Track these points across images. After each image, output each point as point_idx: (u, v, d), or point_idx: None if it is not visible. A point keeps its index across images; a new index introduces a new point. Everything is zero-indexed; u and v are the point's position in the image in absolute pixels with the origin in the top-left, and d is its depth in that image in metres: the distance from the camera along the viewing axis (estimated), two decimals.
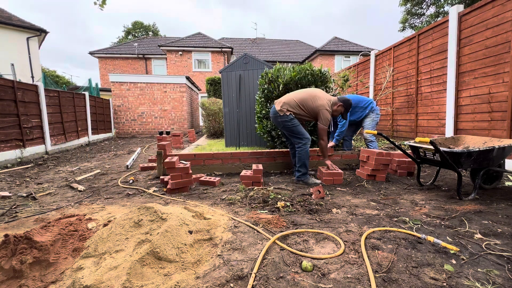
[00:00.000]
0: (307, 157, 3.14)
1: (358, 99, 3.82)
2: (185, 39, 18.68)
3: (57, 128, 7.07)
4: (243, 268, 1.44)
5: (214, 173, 3.89)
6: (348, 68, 8.67)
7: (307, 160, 3.15)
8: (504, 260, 1.48)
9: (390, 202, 2.51)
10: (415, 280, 1.32)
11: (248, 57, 5.95)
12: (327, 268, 1.44)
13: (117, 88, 11.82)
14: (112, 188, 3.32)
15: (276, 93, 4.51)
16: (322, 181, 3.18)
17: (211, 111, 9.03)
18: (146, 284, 1.29)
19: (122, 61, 20.26)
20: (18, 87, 5.60)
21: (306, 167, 3.16)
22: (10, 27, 12.64)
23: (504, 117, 3.60)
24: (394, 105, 6.30)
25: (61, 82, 24.74)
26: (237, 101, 6.02)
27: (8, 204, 2.72)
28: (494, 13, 3.73)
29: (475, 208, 2.26)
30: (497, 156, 2.46)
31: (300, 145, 3.13)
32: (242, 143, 6.10)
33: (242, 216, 2.19)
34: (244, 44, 23.78)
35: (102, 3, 3.12)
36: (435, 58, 4.95)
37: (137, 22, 34.94)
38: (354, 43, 20.00)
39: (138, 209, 1.86)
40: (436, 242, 1.65)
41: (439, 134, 4.86)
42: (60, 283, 1.35)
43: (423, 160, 2.82)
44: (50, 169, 4.68)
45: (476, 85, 4.06)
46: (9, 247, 1.47)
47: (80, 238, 1.77)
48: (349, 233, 1.84)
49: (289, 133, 3.19)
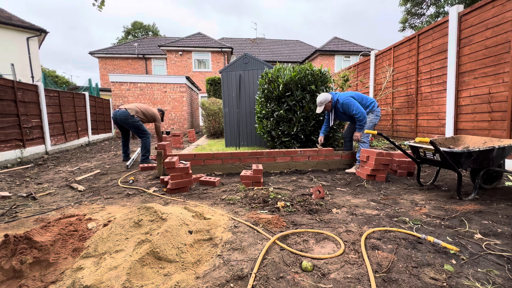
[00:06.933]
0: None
1: (361, 96, 3.82)
2: (185, 39, 18.68)
3: (57, 128, 7.07)
4: (243, 268, 1.44)
5: (214, 173, 3.89)
6: (348, 68, 8.67)
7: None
8: (504, 260, 1.48)
9: (390, 202, 2.51)
10: (415, 280, 1.31)
11: (248, 57, 5.95)
12: (327, 268, 1.44)
13: (117, 88, 11.81)
14: (112, 188, 3.32)
15: (276, 93, 4.52)
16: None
17: (211, 111, 9.03)
18: (146, 284, 1.29)
19: (122, 61, 20.26)
20: (18, 87, 5.60)
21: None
22: (10, 27, 12.64)
23: (504, 117, 3.60)
24: (394, 105, 6.30)
25: (60, 82, 24.75)
26: (237, 101, 6.02)
27: (8, 204, 2.72)
28: (494, 13, 3.73)
29: (475, 208, 2.26)
30: (497, 156, 2.45)
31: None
32: (242, 143, 6.10)
33: (242, 216, 2.19)
34: (244, 44, 23.78)
35: (100, 4, 3.13)
36: (435, 58, 4.95)
37: (137, 22, 34.92)
38: (354, 43, 20.00)
39: (138, 209, 1.86)
40: (436, 242, 1.65)
41: (439, 134, 4.86)
42: (60, 283, 1.35)
43: (423, 160, 2.82)
44: (50, 169, 4.68)
45: (476, 85, 4.06)
46: (9, 247, 1.47)
47: (80, 238, 1.77)
48: (349, 233, 1.84)
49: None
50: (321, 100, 3.73)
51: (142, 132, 4.91)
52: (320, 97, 3.74)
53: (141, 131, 4.91)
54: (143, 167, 4.32)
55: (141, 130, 4.92)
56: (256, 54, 21.54)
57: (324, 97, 3.73)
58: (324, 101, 3.72)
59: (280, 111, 4.43)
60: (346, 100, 3.66)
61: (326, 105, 3.76)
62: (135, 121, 4.85)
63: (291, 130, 4.43)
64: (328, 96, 3.75)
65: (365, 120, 3.60)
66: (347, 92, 3.90)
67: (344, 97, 3.70)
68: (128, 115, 4.80)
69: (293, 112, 4.44)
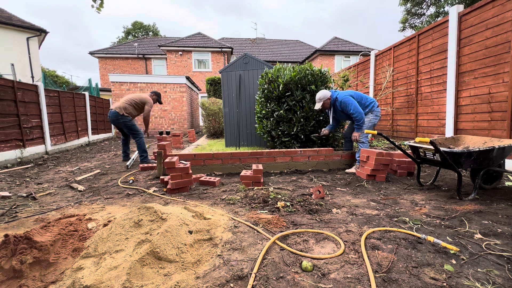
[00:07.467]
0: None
1: (361, 96, 3.81)
2: (185, 39, 18.68)
3: (57, 128, 7.07)
4: (243, 268, 1.44)
5: (214, 173, 3.89)
6: (348, 68, 8.67)
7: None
8: (504, 260, 1.48)
9: (390, 202, 2.51)
10: (415, 280, 1.31)
11: (248, 57, 5.95)
12: (327, 268, 1.44)
13: (117, 88, 11.81)
14: (112, 188, 3.32)
15: (276, 93, 4.52)
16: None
17: (211, 111, 9.03)
18: (146, 284, 1.29)
19: (122, 61, 20.26)
20: (18, 87, 5.60)
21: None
22: (10, 27, 12.64)
23: (504, 117, 3.60)
24: (394, 105, 6.30)
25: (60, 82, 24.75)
26: (237, 101, 6.02)
27: (8, 204, 2.72)
28: (494, 13, 3.73)
29: (475, 208, 2.26)
30: (497, 156, 2.45)
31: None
32: (242, 143, 6.10)
33: (242, 216, 2.19)
34: (244, 44, 23.78)
35: (99, 5, 3.12)
36: (435, 58, 4.95)
37: (137, 22, 34.93)
38: (354, 43, 20.00)
39: (138, 209, 1.86)
40: (436, 242, 1.65)
41: (439, 134, 4.86)
42: (60, 283, 1.35)
43: (423, 160, 2.82)
44: (50, 169, 4.68)
45: (476, 85, 4.06)
46: (9, 247, 1.47)
47: (80, 238, 1.77)
48: (349, 233, 1.84)
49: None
50: (320, 96, 3.73)
51: (134, 133, 4.86)
52: (319, 94, 3.74)
53: (133, 131, 4.85)
54: (143, 167, 4.32)
55: (133, 130, 4.85)
56: (256, 54, 21.54)
57: (323, 94, 3.73)
58: (323, 97, 3.72)
59: (280, 111, 4.43)
60: (344, 98, 3.66)
61: (325, 102, 3.75)
62: (126, 120, 4.77)
63: (291, 130, 4.43)
64: (327, 93, 3.75)
65: (363, 120, 3.60)
66: (347, 91, 3.90)
67: (343, 95, 3.70)
68: (118, 115, 4.72)
69: (293, 112, 4.44)
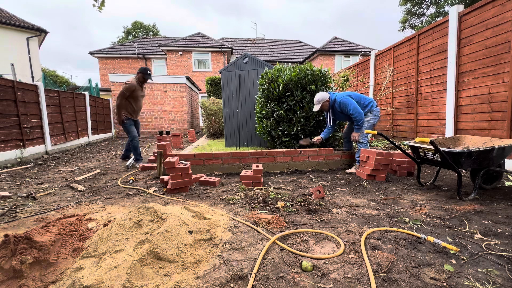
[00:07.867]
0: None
1: (359, 96, 3.81)
2: (185, 39, 18.68)
3: (57, 128, 7.06)
4: (243, 268, 1.44)
5: (214, 173, 3.89)
6: (348, 68, 8.67)
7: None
8: (504, 260, 1.48)
9: (390, 202, 2.51)
10: (415, 280, 1.32)
11: (248, 57, 5.95)
12: (327, 268, 1.44)
13: (117, 88, 11.80)
14: (112, 188, 3.32)
15: (276, 93, 4.52)
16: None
17: (211, 111, 9.03)
18: (146, 284, 1.29)
19: (122, 61, 20.26)
20: (18, 87, 5.60)
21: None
22: (10, 27, 12.64)
23: (504, 117, 3.60)
24: (394, 105, 6.30)
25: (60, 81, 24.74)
26: (237, 101, 6.02)
27: (8, 204, 2.72)
28: (494, 13, 3.73)
29: (475, 208, 2.26)
30: (497, 156, 2.45)
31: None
32: (242, 143, 6.10)
33: (242, 216, 2.19)
34: (244, 44, 23.78)
35: (101, 4, 3.13)
36: (435, 58, 4.95)
37: (137, 22, 34.93)
38: (354, 43, 20.00)
39: (138, 209, 1.86)
40: (436, 242, 1.65)
41: (439, 134, 4.86)
42: (60, 283, 1.35)
43: (423, 160, 2.82)
44: (50, 169, 4.68)
45: (476, 85, 4.06)
46: (9, 247, 1.47)
47: (80, 238, 1.77)
48: (349, 233, 1.84)
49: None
50: (318, 98, 3.72)
51: (127, 133, 4.78)
52: (317, 96, 3.74)
53: (126, 132, 4.77)
54: (143, 167, 4.32)
55: (126, 131, 4.77)
56: (256, 54, 21.54)
57: (322, 95, 3.73)
58: (321, 99, 3.72)
59: (280, 111, 4.43)
60: (343, 99, 3.66)
61: (323, 104, 3.75)
62: (122, 120, 4.61)
63: (291, 130, 4.43)
64: (325, 95, 3.74)
65: (362, 120, 3.60)
66: (345, 92, 3.90)
67: (341, 96, 3.70)
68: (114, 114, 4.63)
69: (293, 112, 4.44)
